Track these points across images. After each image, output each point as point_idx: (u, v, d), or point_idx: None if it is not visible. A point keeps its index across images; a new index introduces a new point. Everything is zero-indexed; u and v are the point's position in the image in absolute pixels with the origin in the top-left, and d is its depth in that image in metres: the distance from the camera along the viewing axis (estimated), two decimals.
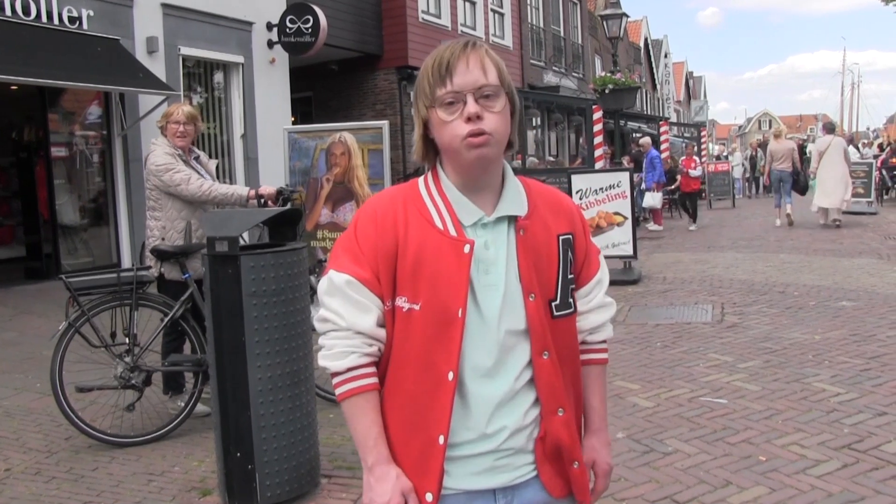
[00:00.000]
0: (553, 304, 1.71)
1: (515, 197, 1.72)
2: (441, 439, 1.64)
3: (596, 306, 1.84)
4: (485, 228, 1.68)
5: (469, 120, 1.61)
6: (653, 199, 15.98)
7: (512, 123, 1.70)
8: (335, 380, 1.69)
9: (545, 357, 1.67)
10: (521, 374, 1.68)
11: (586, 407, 1.85)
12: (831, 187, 14.81)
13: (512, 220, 1.69)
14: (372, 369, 1.69)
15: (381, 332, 1.69)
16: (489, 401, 1.66)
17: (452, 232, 1.66)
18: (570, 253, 1.76)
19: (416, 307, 1.64)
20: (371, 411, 1.68)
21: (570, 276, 1.76)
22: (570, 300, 1.76)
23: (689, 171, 17.07)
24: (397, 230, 1.66)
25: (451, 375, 1.63)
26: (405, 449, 1.68)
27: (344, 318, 1.67)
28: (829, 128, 16.43)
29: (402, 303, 1.66)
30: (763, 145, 25.01)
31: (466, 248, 1.64)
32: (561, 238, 1.74)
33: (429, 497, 1.66)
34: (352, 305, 1.67)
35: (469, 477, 1.68)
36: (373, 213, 1.71)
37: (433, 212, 1.68)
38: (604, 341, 1.89)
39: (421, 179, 1.75)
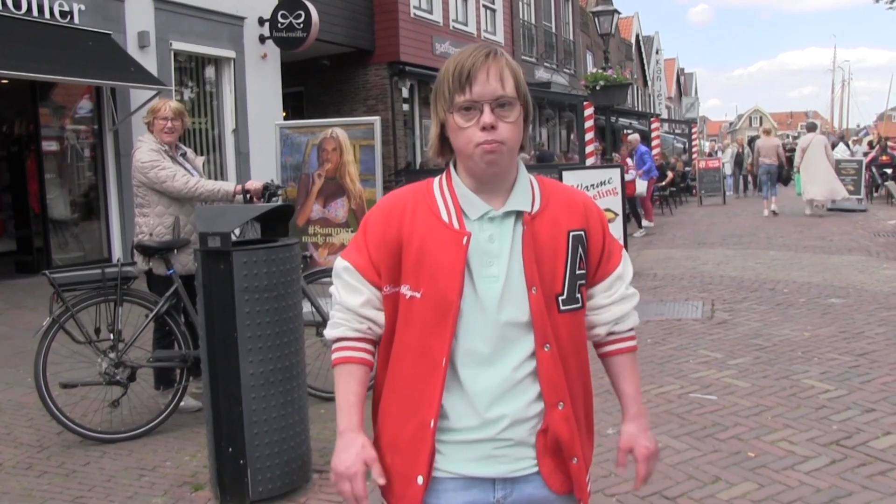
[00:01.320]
0: (560, 298, 1.75)
1: (525, 194, 1.78)
2: (432, 423, 1.72)
3: (619, 298, 1.88)
4: (492, 222, 1.74)
5: (484, 129, 1.67)
6: (639, 187, 15.88)
7: (525, 129, 1.77)
8: (332, 348, 1.86)
9: (546, 349, 1.72)
10: (521, 364, 1.72)
11: (621, 395, 1.91)
12: (818, 180, 16.32)
13: (519, 215, 1.75)
14: (361, 344, 1.82)
15: (372, 313, 1.81)
16: (486, 388, 1.72)
17: (456, 225, 1.74)
18: (580, 249, 1.79)
19: (418, 295, 1.74)
20: (350, 380, 1.80)
21: (579, 272, 1.79)
22: (578, 295, 1.79)
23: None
24: (403, 223, 1.76)
25: (444, 361, 1.71)
26: (400, 432, 1.77)
27: (339, 296, 1.84)
28: (811, 126, 18.08)
29: (405, 290, 1.76)
30: (752, 142, 24.59)
31: (464, 240, 1.71)
32: (571, 234, 1.78)
33: (419, 480, 1.73)
34: (346, 287, 1.82)
35: (467, 462, 1.74)
36: (384, 208, 1.83)
37: (441, 206, 1.77)
38: (631, 329, 1.93)
39: (436, 178, 1.82)
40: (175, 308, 5.02)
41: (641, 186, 15.80)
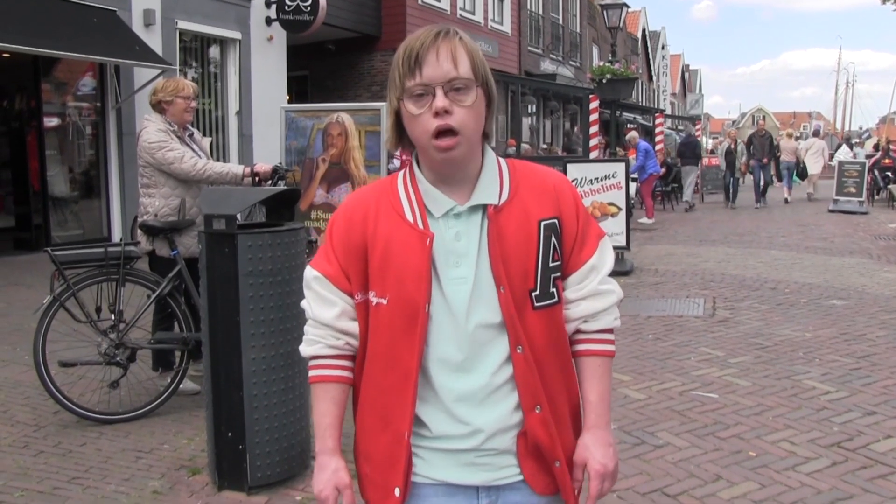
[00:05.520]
0: (533, 294, 1.64)
1: (491, 184, 1.67)
2: (406, 435, 1.64)
3: (589, 293, 1.72)
4: (458, 219, 1.65)
5: (437, 114, 1.57)
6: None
7: (487, 114, 1.67)
8: (308, 365, 1.77)
9: (519, 351, 1.62)
10: (498, 369, 1.64)
11: (583, 401, 1.75)
12: (814, 170, 21.65)
13: (486, 209, 1.65)
14: (337, 362, 1.73)
15: (348, 326, 1.72)
16: (463, 396, 1.64)
17: (420, 224, 1.64)
18: (553, 238, 1.67)
19: (384, 301, 1.65)
20: (326, 402, 1.73)
21: (552, 264, 1.67)
22: (553, 290, 1.67)
23: None
24: (366, 226, 1.67)
25: (415, 370, 1.63)
26: (375, 444, 1.70)
27: (312, 310, 1.73)
28: (815, 132, 25.32)
29: (372, 297, 1.67)
30: (752, 138, 23.15)
31: (427, 241, 1.62)
32: (543, 223, 1.66)
33: (396, 492, 1.66)
34: (317, 299, 1.72)
35: (449, 469, 1.67)
36: (345, 211, 1.73)
37: (405, 204, 1.67)
38: (605, 331, 1.75)
39: (400, 173, 1.72)
40: (177, 290, 4.98)
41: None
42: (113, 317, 4.77)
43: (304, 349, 1.75)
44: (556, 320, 1.69)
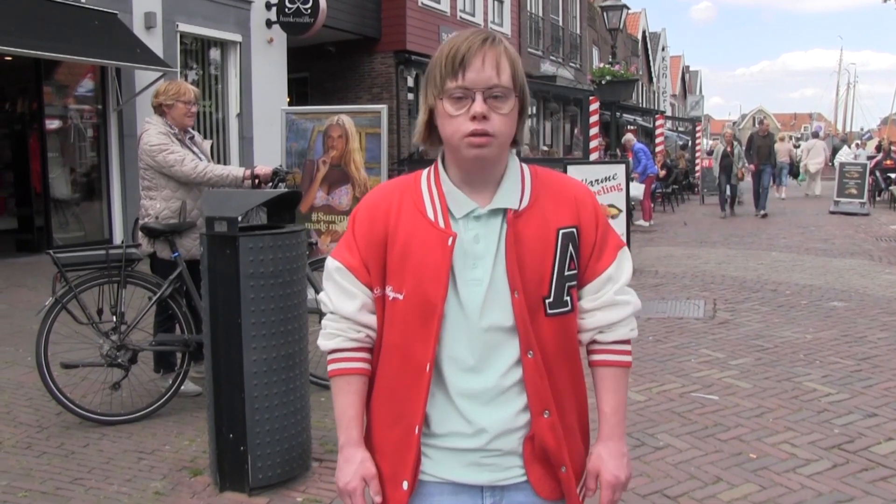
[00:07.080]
0: (546, 301, 1.65)
1: (513, 189, 1.67)
2: (416, 429, 1.66)
3: (605, 304, 1.72)
4: (477, 221, 1.65)
5: (474, 119, 1.58)
6: (635, 190, 15.81)
7: (519, 123, 1.67)
8: (327, 359, 1.76)
9: (530, 356, 1.63)
10: (508, 371, 1.65)
11: (598, 412, 1.76)
12: (815, 169, 23.65)
13: (506, 213, 1.65)
14: (358, 354, 1.74)
15: (368, 319, 1.72)
16: (472, 396, 1.65)
17: (441, 224, 1.65)
18: (570, 247, 1.67)
19: (400, 297, 1.66)
20: (350, 394, 1.73)
21: (568, 273, 1.67)
22: (567, 298, 1.68)
23: None
24: (388, 220, 1.68)
25: (427, 367, 1.64)
26: (386, 436, 1.72)
27: (332, 302, 1.73)
28: (815, 134, 28.35)
29: (389, 292, 1.68)
30: (752, 139, 22.43)
31: (449, 241, 1.63)
32: (561, 232, 1.67)
33: (405, 485, 1.68)
34: (339, 291, 1.72)
35: (455, 468, 1.68)
36: (368, 204, 1.74)
37: (427, 203, 1.68)
38: (621, 342, 1.75)
39: (425, 171, 1.73)
40: (178, 292, 4.99)
41: (637, 189, 15.60)
42: (114, 319, 4.79)
43: (324, 343, 1.75)
44: (568, 328, 1.70)
